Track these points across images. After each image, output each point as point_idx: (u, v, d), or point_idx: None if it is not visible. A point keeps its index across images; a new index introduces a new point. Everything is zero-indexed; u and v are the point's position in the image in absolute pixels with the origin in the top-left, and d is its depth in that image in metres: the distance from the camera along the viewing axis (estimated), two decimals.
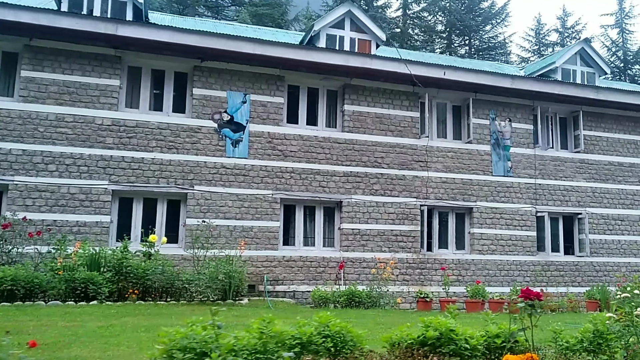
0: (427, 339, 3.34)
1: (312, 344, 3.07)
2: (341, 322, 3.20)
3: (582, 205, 14.95)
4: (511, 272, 13.95)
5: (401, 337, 3.44)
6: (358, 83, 13.34)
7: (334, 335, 3.14)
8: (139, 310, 8.01)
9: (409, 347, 3.35)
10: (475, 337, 3.43)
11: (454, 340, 3.31)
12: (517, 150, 14.53)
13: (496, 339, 3.47)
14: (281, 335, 2.98)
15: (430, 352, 3.31)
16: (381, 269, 11.55)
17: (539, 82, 14.70)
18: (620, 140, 15.62)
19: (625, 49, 37.32)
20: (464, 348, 3.29)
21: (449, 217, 14.00)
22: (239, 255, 10.29)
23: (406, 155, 13.52)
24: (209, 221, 11.27)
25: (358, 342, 3.20)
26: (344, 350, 3.12)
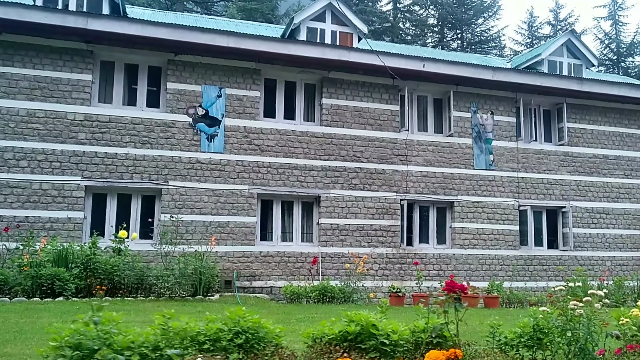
0: (348, 334, 3.21)
1: (221, 340, 2.93)
2: (255, 318, 3.06)
3: (566, 199, 14.81)
4: (493, 267, 13.82)
5: (323, 332, 3.30)
6: (336, 76, 13.18)
7: (246, 331, 3.01)
8: (113, 308, 7.88)
9: (329, 342, 3.22)
10: (399, 332, 3.30)
11: (375, 336, 3.17)
12: (500, 144, 14.38)
13: (422, 334, 3.34)
14: (184, 332, 2.85)
15: (350, 348, 3.18)
16: (355, 264, 11.40)
17: (521, 74, 14.54)
18: (605, 133, 15.46)
19: (618, 41, 37.08)
20: (384, 343, 3.16)
21: (430, 211, 13.86)
22: (210, 250, 10.15)
23: (386, 149, 13.37)
24: (176, 217, 11.13)
25: (272, 338, 3.07)
26: (256, 347, 2.99)
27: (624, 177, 15.43)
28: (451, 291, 3.38)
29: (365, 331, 3.19)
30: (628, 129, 15.69)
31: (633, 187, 15.45)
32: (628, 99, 15.48)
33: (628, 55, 37.01)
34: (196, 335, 2.91)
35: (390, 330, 3.25)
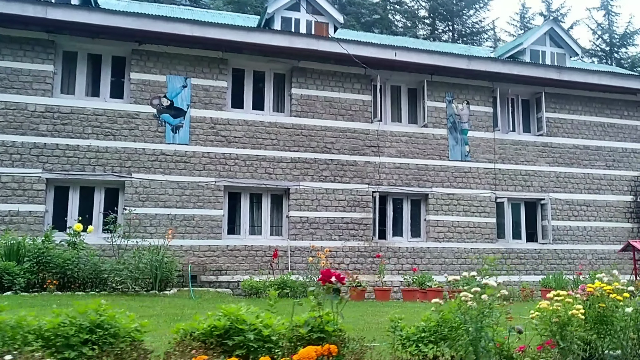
0: (216, 329, 2.99)
1: (68, 337, 2.72)
2: (110, 312, 2.85)
3: (545, 191, 14.53)
4: (469, 260, 13.56)
5: (193, 327, 3.08)
6: (307, 66, 12.91)
7: (97, 326, 2.79)
8: (45, 301, 7.69)
9: (196, 339, 3.00)
10: (273, 327, 3.07)
11: (244, 331, 2.95)
12: (476, 134, 14.10)
13: (302, 329, 3.12)
14: (18, 327, 2.64)
15: (216, 344, 2.96)
16: (318, 258, 11.18)
17: (497, 63, 14.23)
18: (586, 123, 15.15)
19: (611, 32, 36.56)
20: (251, 339, 2.93)
21: (404, 203, 13.61)
22: (168, 244, 9.95)
23: (358, 140, 13.11)
24: (129, 209, 10.93)
25: (126, 334, 2.85)
26: (107, 344, 2.77)
27: (605, 168, 15.13)
28: (327, 281, 3.15)
29: (234, 326, 2.97)
30: (610, 119, 15.38)
31: (615, 179, 15.16)
32: (610, 87, 15.16)
33: (621, 46, 36.49)
34: (38, 329, 2.70)
35: (262, 325, 3.02)
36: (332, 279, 3.11)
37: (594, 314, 3.97)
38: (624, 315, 3.85)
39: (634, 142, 15.50)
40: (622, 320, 3.87)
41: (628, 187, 15.26)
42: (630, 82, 15.34)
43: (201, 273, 11.40)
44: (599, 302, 3.98)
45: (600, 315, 3.95)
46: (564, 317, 3.73)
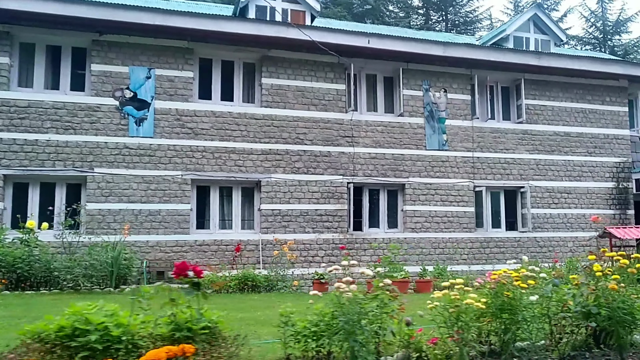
0: (63, 330, 2.66)
1: None
2: None
3: (524, 179, 14.23)
4: (447, 250, 13.28)
5: (41, 328, 2.75)
6: (277, 55, 12.52)
7: None
8: None
9: (45, 340, 2.68)
10: (127, 326, 2.73)
11: (89, 332, 2.63)
12: (454, 123, 13.77)
13: (163, 328, 2.79)
14: None
15: (62, 346, 2.63)
16: (283, 251, 10.86)
17: (474, 50, 13.88)
18: (566, 109, 14.83)
19: (604, 20, 36.18)
20: (92, 340, 2.60)
21: (380, 194, 13.29)
22: (123, 240, 9.60)
23: (331, 130, 12.76)
24: (77, 204, 10.52)
25: None
26: None
27: (586, 154, 14.84)
28: (182, 275, 2.84)
29: (80, 327, 2.64)
30: (591, 105, 15.06)
31: (597, 165, 14.88)
32: (591, 73, 14.83)
33: (614, 33, 36.14)
34: None
35: (114, 325, 2.69)
36: (188, 273, 2.82)
37: (497, 303, 3.66)
38: (530, 303, 3.56)
39: (616, 128, 15.20)
40: (526, 309, 3.58)
41: (610, 174, 14.98)
42: (612, 67, 15.02)
43: (168, 269, 11.05)
44: (504, 290, 3.68)
45: (504, 305, 3.65)
46: (461, 307, 3.43)
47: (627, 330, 4.15)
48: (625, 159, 15.17)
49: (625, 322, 4.12)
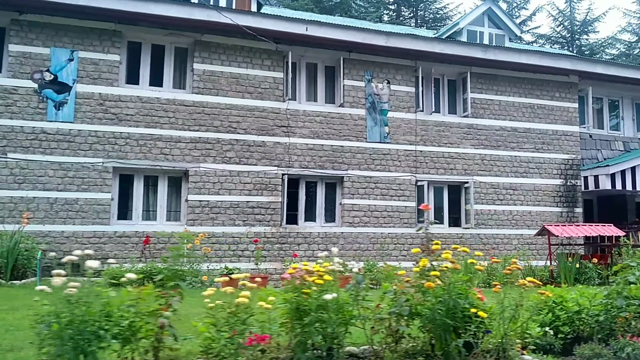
0: None
1: None
2: None
3: (469, 174, 13.96)
4: (386, 246, 12.96)
5: None
6: (211, 39, 12.05)
7: None
8: None
9: None
10: None
11: None
12: (396, 115, 13.43)
13: None
14: None
15: None
16: (194, 244, 10.41)
17: (418, 41, 13.53)
18: (514, 104, 14.59)
19: (572, 19, 36.26)
20: None
21: (318, 187, 12.91)
22: (22, 229, 9.08)
23: (267, 119, 12.33)
24: None
25: None
26: None
27: (534, 150, 14.62)
28: None
29: None
30: (540, 100, 14.85)
31: (544, 162, 14.67)
32: (541, 68, 14.61)
33: (582, 32, 36.24)
34: None
35: None
36: None
37: (294, 303, 3.29)
38: (326, 303, 3.18)
39: (565, 124, 15.01)
40: (326, 310, 3.20)
41: (558, 171, 14.79)
42: (561, 62, 14.81)
43: (82, 261, 10.52)
44: (301, 288, 3.31)
45: (298, 305, 3.28)
46: (239, 307, 3.05)
47: (452, 334, 3.77)
48: (574, 156, 14.99)
49: (449, 326, 3.75)
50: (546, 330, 4.16)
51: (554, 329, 4.20)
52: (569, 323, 4.17)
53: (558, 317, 4.19)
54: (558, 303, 4.27)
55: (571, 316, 4.20)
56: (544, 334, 4.14)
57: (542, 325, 4.22)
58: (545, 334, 4.13)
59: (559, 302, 4.27)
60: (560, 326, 4.17)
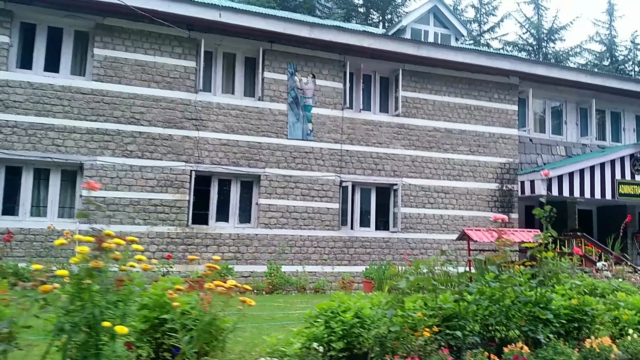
0: None
1: None
2: None
3: (398, 175, 13.26)
4: (305, 249, 12.17)
5: None
6: (114, 23, 11.18)
7: None
8: None
9: None
10: None
11: None
12: (321, 111, 12.69)
13: None
14: None
15: None
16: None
17: (344, 33, 12.81)
18: (449, 104, 13.95)
19: (539, 26, 36.07)
20: None
21: (232, 185, 12.08)
22: None
23: (175, 111, 11.48)
24: None
25: None
26: None
27: (469, 153, 13.99)
28: None
29: None
30: (477, 101, 14.24)
31: (479, 165, 14.05)
32: (478, 67, 14.01)
33: (549, 40, 36.07)
34: None
35: None
36: None
37: None
38: None
39: (503, 126, 14.42)
40: None
41: (493, 175, 14.18)
42: (499, 61, 14.23)
43: None
44: None
45: None
46: None
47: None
48: (511, 160, 14.41)
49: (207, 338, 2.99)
50: (313, 346, 3.39)
51: (325, 345, 3.44)
52: (344, 337, 3.42)
53: (333, 331, 3.43)
54: (336, 314, 3.51)
55: (349, 329, 3.45)
56: (307, 350, 3.37)
57: (317, 339, 3.46)
58: (309, 350, 3.36)
59: (336, 313, 3.51)
60: (335, 341, 3.41)
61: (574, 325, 4.34)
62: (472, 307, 4.02)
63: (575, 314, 4.35)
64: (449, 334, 3.76)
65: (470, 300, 4.03)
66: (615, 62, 36.59)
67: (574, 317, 4.34)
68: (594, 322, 4.43)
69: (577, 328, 4.35)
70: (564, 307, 4.33)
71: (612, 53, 37.19)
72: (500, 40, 37.86)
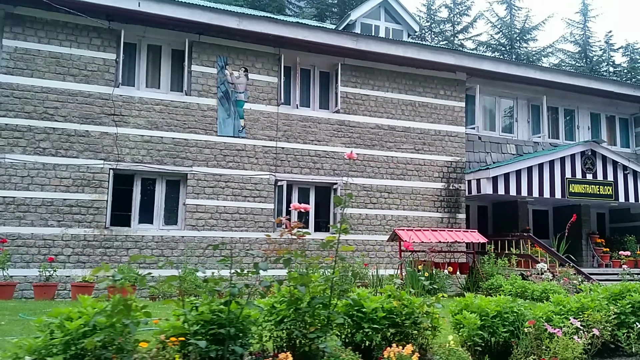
0: None
1: None
2: None
3: (338, 174, 12.74)
4: (236, 252, 11.57)
5: None
6: (26, 13, 10.53)
7: None
8: None
9: None
10: None
11: None
12: (255, 107, 12.13)
13: None
14: None
15: None
16: None
17: (275, 24, 12.24)
18: (393, 101, 13.47)
19: (512, 26, 35.91)
20: None
21: (157, 185, 11.46)
22: None
23: (93, 106, 10.85)
24: None
25: None
26: None
27: (413, 151, 13.52)
28: None
29: None
30: (422, 98, 13.78)
31: (424, 163, 13.58)
32: (422, 62, 13.55)
33: (520, 40, 35.92)
34: None
35: None
36: None
37: None
38: None
39: (450, 124, 13.98)
40: None
41: (439, 174, 13.72)
42: (443, 56, 13.78)
43: None
44: None
45: None
46: None
47: None
48: (458, 158, 13.96)
49: None
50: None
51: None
52: (67, 350, 2.84)
53: (54, 341, 2.84)
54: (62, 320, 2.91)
55: (75, 340, 2.87)
56: None
57: (34, 352, 2.86)
58: None
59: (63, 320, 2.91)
60: (54, 355, 2.83)
61: (390, 331, 3.87)
62: (248, 310, 3.49)
63: (396, 318, 3.88)
64: (190, 344, 3.21)
65: (243, 303, 3.50)
66: (590, 62, 36.57)
67: (395, 321, 3.88)
68: (420, 327, 3.95)
69: (400, 334, 3.88)
70: (384, 310, 3.87)
71: (587, 54, 37.18)
72: (474, 40, 37.69)
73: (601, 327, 4.43)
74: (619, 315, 4.81)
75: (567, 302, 4.74)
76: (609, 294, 5.05)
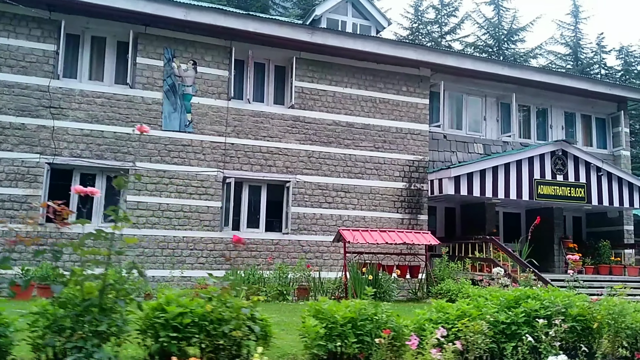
0: None
1: None
2: None
3: (291, 172, 12.31)
4: (178, 252, 11.15)
5: None
6: None
7: None
8: None
9: None
10: None
11: None
12: (203, 101, 11.73)
13: None
14: None
15: None
16: None
17: (225, 16, 11.83)
18: (351, 97, 13.04)
19: (499, 27, 35.44)
20: None
21: (97, 180, 11.07)
22: None
23: (30, 98, 10.48)
24: None
25: None
26: None
27: (373, 149, 13.07)
28: None
29: None
30: (383, 94, 13.35)
31: (385, 162, 13.13)
32: (383, 57, 13.13)
33: (507, 40, 35.44)
34: None
35: None
36: None
37: None
38: None
39: (411, 121, 13.53)
40: None
41: (400, 173, 13.27)
42: (404, 51, 13.36)
43: None
44: None
45: None
46: None
47: None
48: (421, 157, 13.51)
49: None
50: None
51: None
52: None
53: None
54: None
55: None
56: None
57: None
58: None
59: None
60: None
61: (205, 342, 3.38)
62: None
63: (208, 326, 3.41)
64: None
65: None
66: (581, 64, 36.05)
67: (207, 330, 3.40)
68: (232, 337, 3.45)
69: (212, 344, 3.39)
70: (193, 316, 3.40)
71: (577, 56, 36.68)
72: (462, 42, 37.22)
73: (476, 338, 3.95)
74: (509, 325, 4.34)
75: (450, 308, 4.28)
76: (504, 300, 4.58)
